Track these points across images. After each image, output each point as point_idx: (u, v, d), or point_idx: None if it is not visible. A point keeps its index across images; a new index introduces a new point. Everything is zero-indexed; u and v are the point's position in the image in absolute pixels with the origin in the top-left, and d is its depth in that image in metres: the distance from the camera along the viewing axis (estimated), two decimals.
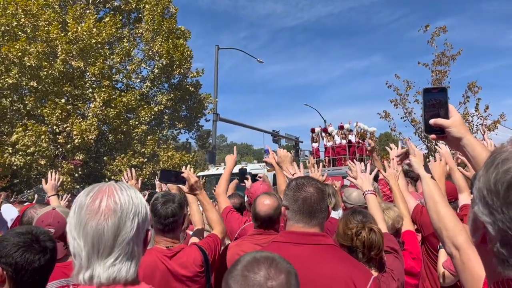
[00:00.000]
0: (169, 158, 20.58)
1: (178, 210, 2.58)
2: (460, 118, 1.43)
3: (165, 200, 2.58)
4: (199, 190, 3.01)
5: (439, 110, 1.42)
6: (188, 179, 2.97)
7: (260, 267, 1.16)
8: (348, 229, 2.38)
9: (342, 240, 2.40)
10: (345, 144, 19.02)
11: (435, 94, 1.45)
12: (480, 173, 0.79)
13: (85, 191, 1.27)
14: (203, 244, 2.72)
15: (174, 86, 23.28)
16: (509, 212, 0.71)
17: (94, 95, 19.02)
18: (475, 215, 0.79)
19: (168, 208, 2.55)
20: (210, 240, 2.78)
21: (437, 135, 1.43)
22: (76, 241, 1.20)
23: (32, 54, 17.00)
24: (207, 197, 3.07)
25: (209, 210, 2.97)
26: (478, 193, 0.78)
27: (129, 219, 1.22)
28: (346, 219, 2.48)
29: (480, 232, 0.79)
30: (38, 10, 17.68)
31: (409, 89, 11.74)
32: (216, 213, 3.03)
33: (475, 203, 0.79)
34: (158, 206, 2.57)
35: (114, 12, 22.03)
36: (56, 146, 18.46)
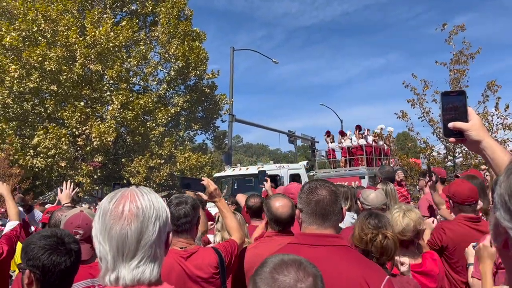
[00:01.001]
0: (186, 159, 20.76)
1: (191, 211, 2.62)
2: (479, 121, 1.42)
3: (178, 201, 2.63)
4: (218, 197, 3.04)
5: (458, 113, 1.42)
6: (207, 186, 3.01)
7: (289, 270, 1.18)
8: (364, 234, 2.41)
9: (358, 243, 2.42)
10: (362, 145, 18.91)
11: (454, 97, 1.45)
12: (501, 179, 0.78)
13: (108, 197, 1.32)
14: (219, 246, 2.76)
15: (190, 88, 23.49)
16: None
17: (112, 98, 19.34)
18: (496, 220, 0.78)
19: (181, 209, 2.59)
20: (227, 244, 2.82)
21: (456, 138, 1.43)
22: (102, 245, 1.25)
23: (52, 59, 17.38)
24: (226, 204, 3.12)
25: (228, 218, 3.02)
26: (499, 199, 0.77)
27: (151, 223, 1.26)
28: (361, 223, 2.50)
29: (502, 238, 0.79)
30: (57, 15, 18.07)
31: (426, 88, 11.56)
32: (235, 220, 3.07)
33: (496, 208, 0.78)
34: (171, 207, 2.60)
35: (130, 16, 22.35)
36: (75, 149, 18.82)
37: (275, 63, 29.07)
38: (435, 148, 12.01)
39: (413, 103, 11.81)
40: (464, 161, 10.63)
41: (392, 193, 4.57)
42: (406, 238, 2.90)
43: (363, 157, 18.72)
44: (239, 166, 20.56)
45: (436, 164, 9.99)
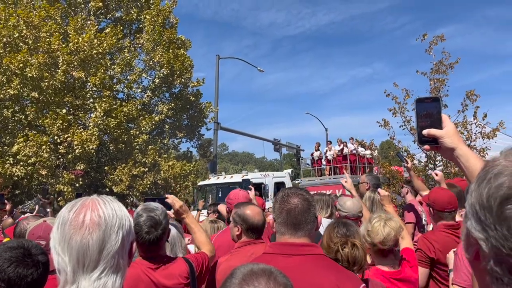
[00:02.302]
0: (170, 167, 20.60)
1: (162, 235, 2.55)
2: (453, 128, 1.42)
3: (148, 228, 2.50)
4: (186, 213, 3.02)
5: (432, 120, 1.42)
6: (172, 204, 2.98)
7: (259, 280, 1.13)
8: (332, 242, 2.40)
9: (326, 252, 2.41)
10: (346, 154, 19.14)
11: (428, 104, 1.45)
12: (472, 188, 0.76)
13: (68, 206, 1.26)
14: (190, 257, 2.74)
15: (175, 96, 23.39)
16: (503, 229, 0.68)
17: (95, 105, 19.11)
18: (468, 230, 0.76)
19: (151, 235, 2.50)
20: (198, 255, 2.81)
21: (430, 145, 1.43)
22: (61, 257, 1.19)
23: (34, 65, 17.12)
24: (194, 219, 3.11)
25: (197, 232, 3.00)
26: (470, 209, 0.75)
27: (113, 232, 1.22)
28: (330, 231, 2.49)
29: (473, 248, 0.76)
30: (39, 21, 17.84)
31: (407, 97, 11.74)
32: (204, 234, 3.06)
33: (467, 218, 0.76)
34: (142, 233, 2.49)
35: (115, 23, 22.22)
36: (57, 156, 18.50)
37: (261, 71, 29.21)
38: (416, 156, 12.15)
39: (395, 112, 11.97)
40: (445, 169, 10.76)
41: (379, 201, 4.61)
42: (387, 247, 2.90)
43: (347, 165, 18.92)
44: (224, 174, 20.52)
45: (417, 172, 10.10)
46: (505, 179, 0.70)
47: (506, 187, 0.69)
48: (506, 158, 0.74)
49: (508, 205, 0.68)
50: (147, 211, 2.58)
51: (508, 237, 0.68)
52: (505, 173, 0.70)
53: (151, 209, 2.62)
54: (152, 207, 2.64)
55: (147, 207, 2.64)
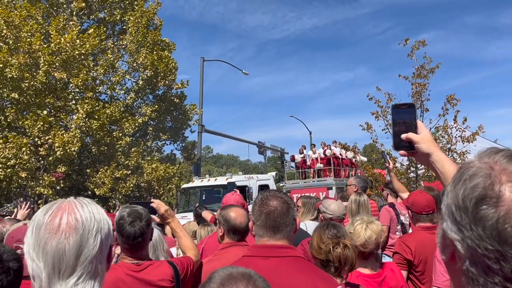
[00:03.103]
0: (153, 170, 20.44)
1: (146, 228, 2.55)
2: (429, 134, 1.45)
3: (132, 219, 2.52)
4: (171, 218, 2.99)
5: (408, 126, 1.44)
6: (158, 209, 2.94)
7: (238, 285, 1.11)
8: (323, 243, 2.41)
9: (316, 254, 2.42)
10: (330, 157, 19.27)
11: (404, 110, 1.47)
12: (448, 189, 0.77)
13: (43, 209, 1.21)
14: (175, 260, 2.73)
15: (158, 98, 23.24)
16: (478, 230, 0.69)
17: (77, 107, 18.85)
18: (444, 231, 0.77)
19: (136, 227, 2.50)
20: (183, 258, 2.79)
21: (406, 151, 1.45)
22: (35, 263, 1.14)
23: (14, 66, 16.81)
24: (179, 223, 3.07)
25: (182, 237, 2.97)
26: (446, 210, 0.76)
27: (91, 236, 1.17)
28: (320, 233, 2.51)
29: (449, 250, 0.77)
30: (20, 21, 17.52)
31: (390, 101, 11.92)
32: (190, 239, 3.04)
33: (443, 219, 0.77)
34: (125, 225, 2.50)
35: (98, 23, 21.97)
36: (37, 159, 18.17)
37: (245, 74, 29.26)
38: (398, 159, 12.33)
39: (377, 116, 12.13)
40: (426, 172, 10.93)
41: (365, 203, 4.66)
42: (368, 250, 2.94)
43: (331, 168, 19.07)
44: (208, 177, 20.44)
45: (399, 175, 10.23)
46: (480, 180, 0.71)
47: (481, 187, 0.70)
48: (481, 160, 0.75)
49: (483, 206, 0.69)
50: (129, 207, 2.64)
51: (484, 237, 0.68)
52: (480, 174, 0.72)
53: (134, 206, 2.68)
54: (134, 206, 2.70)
55: (129, 206, 2.70)
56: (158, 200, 3.03)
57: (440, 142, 11.95)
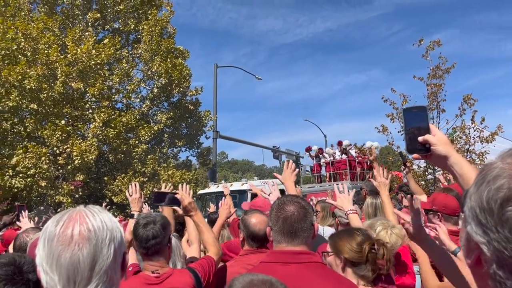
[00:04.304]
0: (170, 176, 20.56)
1: (160, 232, 2.49)
2: (445, 136, 1.42)
3: (146, 222, 2.50)
4: (194, 211, 2.90)
5: (420, 129, 1.42)
6: (182, 200, 2.87)
7: None
8: (359, 246, 2.27)
9: (354, 257, 2.26)
10: (345, 159, 19.05)
11: (415, 113, 1.45)
12: (471, 191, 0.75)
13: (53, 220, 1.18)
14: (196, 266, 2.62)
15: (173, 105, 23.43)
16: (504, 231, 0.67)
17: (94, 116, 19.14)
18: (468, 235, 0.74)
19: (149, 230, 2.46)
20: (204, 262, 2.69)
21: (420, 154, 1.43)
22: (49, 276, 1.11)
23: (32, 77, 17.17)
24: (202, 218, 2.97)
25: (204, 232, 2.88)
26: (470, 212, 0.73)
27: (105, 246, 1.14)
28: (352, 237, 2.33)
29: (474, 253, 0.74)
30: (38, 33, 17.91)
31: (405, 103, 11.80)
32: (212, 234, 2.94)
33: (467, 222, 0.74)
34: (138, 229, 2.48)
35: (113, 33, 22.31)
36: (56, 168, 18.48)
37: (259, 79, 29.29)
38: (415, 161, 12.17)
39: (393, 118, 12.01)
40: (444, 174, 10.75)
41: (381, 206, 4.58)
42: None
43: (347, 171, 18.87)
44: (223, 182, 20.45)
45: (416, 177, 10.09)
46: (505, 181, 0.69)
47: (506, 188, 0.68)
48: (503, 161, 0.73)
49: (509, 207, 0.67)
50: (144, 214, 2.66)
51: (511, 239, 0.67)
52: (504, 175, 0.70)
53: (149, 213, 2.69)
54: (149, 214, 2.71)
55: None
56: (182, 192, 2.95)
57: (458, 143, 11.78)
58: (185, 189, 3.09)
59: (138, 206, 3.50)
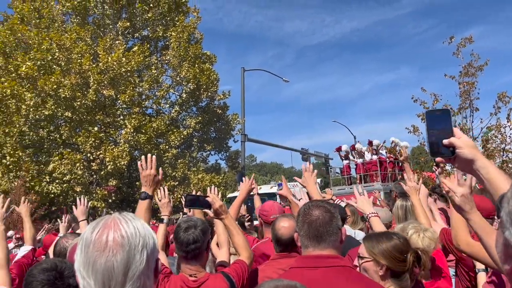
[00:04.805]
0: (200, 180, 20.80)
1: (200, 237, 2.54)
2: (470, 140, 1.39)
3: (187, 226, 2.55)
4: (225, 214, 2.90)
5: (444, 132, 1.40)
6: (212, 203, 2.88)
7: None
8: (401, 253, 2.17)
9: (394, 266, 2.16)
10: (376, 160, 18.73)
11: (439, 116, 1.43)
12: (508, 195, 0.73)
13: (90, 227, 1.22)
14: (230, 271, 2.63)
15: (202, 109, 23.73)
16: None
17: (125, 122, 19.62)
18: (506, 240, 0.72)
19: (190, 234, 2.52)
20: (237, 266, 2.69)
21: (443, 157, 1.40)
22: (86, 280, 1.16)
23: (67, 86, 17.79)
24: (233, 221, 2.97)
25: (235, 235, 2.87)
26: (508, 217, 0.71)
27: (138, 252, 1.18)
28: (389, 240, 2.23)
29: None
30: (71, 44, 18.54)
31: (436, 102, 11.52)
32: (243, 237, 2.93)
33: (505, 228, 0.72)
34: (180, 233, 2.54)
35: (142, 41, 22.82)
36: (90, 173, 19.04)
37: (286, 81, 29.26)
38: None
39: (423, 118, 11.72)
40: None
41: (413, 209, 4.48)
42: None
43: (378, 173, 18.55)
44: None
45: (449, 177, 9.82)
46: None
47: None
48: None
49: None
50: (186, 218, 2.73)
51: None
52: None
53: (192, 217, 2.73)
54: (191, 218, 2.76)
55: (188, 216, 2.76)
56: (213, 195, 2.96)
57: (494, 142, 11.40)
58: (214, 191, 3.13)
59: (168, 210, 3.57)
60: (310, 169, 3.36)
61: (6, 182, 16.80)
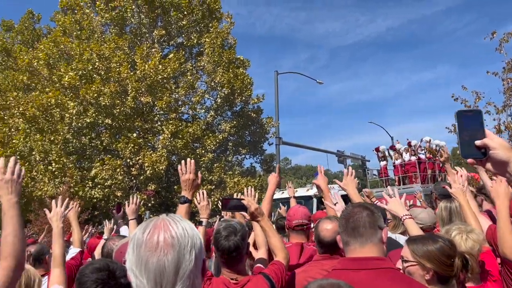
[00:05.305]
0: (236, 184, 20.96)
1: (241, 243, 2.57)
2: (504, 141, 1.35)
3: (227, 234, 2.57)
4: (260, 216, 2.94)
5: (475, 133, 1.35)
6: (248, 206, 2.91)
7: None
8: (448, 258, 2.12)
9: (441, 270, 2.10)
10: (415, 161, 18.24)
11: (470, 117, 1.39)
12: None
13: (140, 228, 1.26)
14: (269, 272, 2.66)
15: (236, 114, 23.95)
16: None
17: (162, 128, 20.10)
18: None
19: (231, 242, 2.54)
20: (276, 267, 2.71)
21: (476, 159, 1.36)
22: (139, 279, 1.20)
23: (106, 94, 18.43)
24: (269, 223, 3.00)
25: (272, 237, 2.90)
26: None
27: (187, 252, 1.22)
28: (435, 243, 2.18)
29: None
30: (110, 53, 19.21)
31: (478, 100, 11.09)
32: (279, 239, 2.96)
33: None
34: (220, 240, 2.56)
35: (177, 48, 23.32)
36: (130, 178, 19.59)
37: (320, 83, 29.03)
38: None
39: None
40: None
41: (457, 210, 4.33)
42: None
43: (417, 174, 18.04)
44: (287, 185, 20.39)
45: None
46: None
47: None
48: None
49: None
50: (225, 222, 2.70)
51: None
52: None
53: (229, 220, 2.74)
54: (230, 219, 2.78)
55: (225, 219, 2.77)
56: (249, 198, 3.00)
57: None
58: (250, 193, 3.18)
59: (207, 212, 3.64)
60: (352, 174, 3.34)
61: (52, 187, 17.56)
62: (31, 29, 28.11)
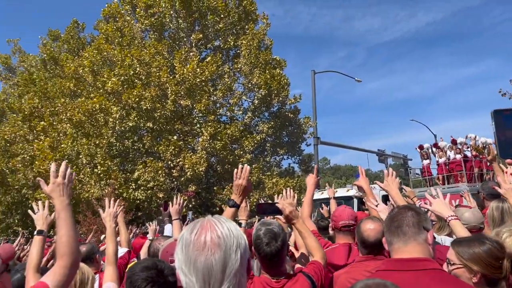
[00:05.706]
0: (274, 184, 21.00)
1: (281, 247, 2.59)
2: None
3: (268, 240, 2.58)
4: (295, 219, 2.95)
5: None
6: (283, 210, 2.92)
7: None
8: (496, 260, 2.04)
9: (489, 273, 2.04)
10: (460, 159, 17.56)
11: (508, 116, 1.35)
12: None
13: (188, 228, 1.31)
14: (309, 271, 2.68)
15: (274, 114, 23.99)
16: None
17: (201, 130, 20.46)
18: None
19: (271, 247, 2.56)
20: (315, 267, 2.74)
21: None
22: (188, 277, 1.24)
23: (147, 98, 18.98)
24: (304, 224, 3.03)
25: (307, 237, 2.93)
26: None
27: (233, 252, 1.25)
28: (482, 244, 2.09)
29: None
30: (150, 58, 19.77)
31: None
32: (315, 239, 2.99)
33: None
34: (262, 246, 2.58)
35: (214, 51, 23.67)
36: (171, 180, 20.06)
37: (358, 81, 28.58)
38: None
39: None
40: None
41: (510, 210, 4.14)
42: None
43: (463, 173, 17.37)
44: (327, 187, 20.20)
45: None
46: None
47: None
48: None
49: None
50: (265, 225, 2.70)
51: None
52: None
53: (269, 223, 2.72)
54: (268, 221, 2.76)
55: (264, 221, 2.75)
56: (283, 201, 3.01)
57: None
58: (289, 194, 3.21)
59: (245, 214, 3.68)
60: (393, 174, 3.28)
61: (98, 190, 18.28)
62: (76, 38, 29.44)
